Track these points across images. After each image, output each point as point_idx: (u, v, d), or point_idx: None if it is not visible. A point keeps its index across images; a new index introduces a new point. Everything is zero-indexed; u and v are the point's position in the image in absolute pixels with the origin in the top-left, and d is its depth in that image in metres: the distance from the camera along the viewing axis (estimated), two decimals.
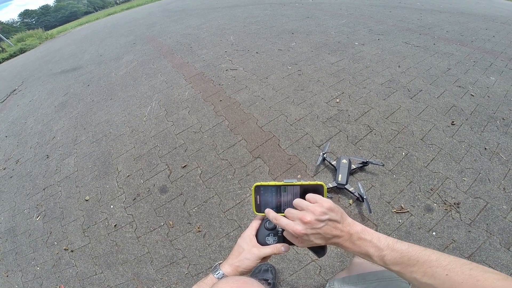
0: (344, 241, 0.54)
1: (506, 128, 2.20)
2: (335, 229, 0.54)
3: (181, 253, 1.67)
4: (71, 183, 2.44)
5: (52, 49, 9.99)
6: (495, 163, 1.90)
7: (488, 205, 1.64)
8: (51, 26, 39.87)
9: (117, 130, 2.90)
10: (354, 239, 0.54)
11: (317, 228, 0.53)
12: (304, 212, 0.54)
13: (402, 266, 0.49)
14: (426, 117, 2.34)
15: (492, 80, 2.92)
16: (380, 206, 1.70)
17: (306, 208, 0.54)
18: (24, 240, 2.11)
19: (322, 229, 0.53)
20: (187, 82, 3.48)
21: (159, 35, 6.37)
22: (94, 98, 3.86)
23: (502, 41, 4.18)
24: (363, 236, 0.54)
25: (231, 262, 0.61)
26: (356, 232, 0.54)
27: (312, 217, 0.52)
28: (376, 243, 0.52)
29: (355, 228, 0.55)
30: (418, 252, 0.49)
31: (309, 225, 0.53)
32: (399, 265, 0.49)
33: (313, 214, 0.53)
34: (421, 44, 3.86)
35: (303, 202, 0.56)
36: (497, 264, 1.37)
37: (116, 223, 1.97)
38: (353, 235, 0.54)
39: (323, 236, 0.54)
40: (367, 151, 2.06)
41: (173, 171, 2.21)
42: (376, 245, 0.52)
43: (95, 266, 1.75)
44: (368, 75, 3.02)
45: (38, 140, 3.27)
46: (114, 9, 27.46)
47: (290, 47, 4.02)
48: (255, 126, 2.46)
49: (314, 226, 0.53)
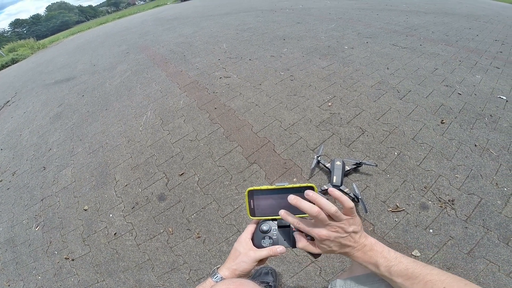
0: (357, 251, 0.57)
1: (495, 124, 2.27)
2: (353, 240, 0.57)
3: (182, 259, 1.69)
4: (69, 193, 2.44)
5: (45, 59, 9.95)
6: (486, 159, 1.94)
7: (483, 201, 1.67)
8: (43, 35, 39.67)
9: (114, 140, 2.92)
10: (367, 249, 0.57)
11: (341, 237, 0.56)
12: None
13: (404, 278, 0.53)
14: (416, 117, 2.40)
15: (478, 78, 3.01)
16: (375, 206, 1.73)
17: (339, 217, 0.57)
18: (24, 250, 2.11)
19: (344, 239, 0.56)
20: (182, 90, 3.52)
21: (152, 44, 6.40)
22: (89, 109, 3.87)
23: (485, 40, 4.31)
24: (375, 248, 0.57)
25: (229, 265, 0.64)
26: (370, 244, 0.58)
27: (340, 225, 0.56)
28: (386, 255, 0.56)
29: (370, 240, 0.58)
30: (421, 267, 0.53)
31: (334, 232, 0.56)
32: (402, 277, 0.53)
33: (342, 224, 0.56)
34: (408, 46, 3.96)
35: (336, 213, 0.57)
36: (498, 260, 1.39)
37: (116, 231, 1.98)
38: (366, 246, 0.57)
39: (341, 244, 0.57)
40: (360, 152, 2.11)
41: (170, 179, 2.23)
42: (386, 257, 0.55)
43: (97, 274, 1.76)
44: (358, 78, 3.09)
45: (34, 152, 3.26)
46: (106, 18, 27.46)
47: (282, 53, 4.09)
48: (250, 132, 2.50)
49: (339, 235, 0.56)
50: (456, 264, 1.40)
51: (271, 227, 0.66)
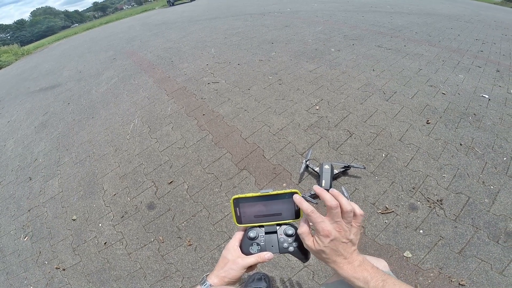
0: (347, 263, 0.56)
1: (478, 123, 2.33)
2: (347, 250, 0.57)
3: (174, 267, 1.67)
4: (56, 203, 2.39)
5: (29, 65, 9.75)
6: (472, 157, 1.98)
7: (470, 200, 1.69)
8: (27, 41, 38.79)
9: (101, 149, 2.87)
10: (356, 264, 0.56)
11: (340, 241, 0.55)
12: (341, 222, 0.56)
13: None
14: (402, 117, 2.44)
15: (461, 77, 3.09)
16: (365, 208, 1.74)
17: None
18: (14, 260, 2.07)
19: (341, 245, 0.56)
20: (169, 97, 3.49)
21: (139, 50, 6.34)
22: (75, 117, 3.80)
23: (466, 40, 4.44)
24: (364, 264, 0.57)
25: (217, 273, 0.63)
26: (362, 260, 0.57)
27: (345, 228, 0.56)
28: (375, 273, 0.55)
29: (361, 256, 0.58)
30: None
31: (338, 232, 0.55)
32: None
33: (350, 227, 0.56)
34: (393, 47, 4.04)
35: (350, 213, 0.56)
36: (490, 258, 1.40)
37: (105, 240, 1.95)
38: (357, 261, 0.57)
39: (336, 249, 0.56)
40: (349, 155, 2.13)
41: (159, 188, 2.21)
42: (375, 274, 0.54)
43: (89, 284, 1.73)
44: (345, 80, 3.13)
45: (19, 163, 3.18)
46: (92, 23, 27.14)
47: (271, 57, 4.11)
48: (239, 138, 2.49)
49: (339, 237, 0.55)
50: (448, 264, 1.42)
51: (258, 234, 0.66)
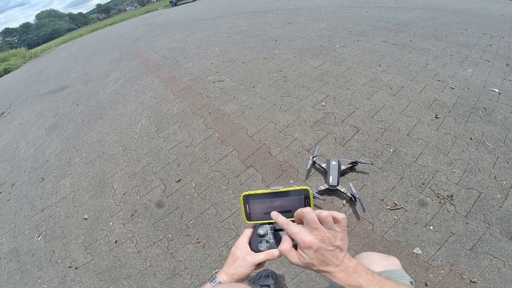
0: (340, 271, 0.53)
1: (489, 117, 2.28)
2: (337, 258, 0.53)
3: (183, 264, 1.69)
4: (68, 203, 2.44)
5: (37, 68, 9.93)
6: (483, 152, 1.94)
7: (482, 195, 1.65)
8: (34, 44, 39.36)
9: (110, 149, 2.91)
10: (350, 271, 0.53)
11: (326, 249, 0.52)
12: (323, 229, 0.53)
13: None
14: (410, 112, 2.41)
15: (470, 72, 3.04)
16: (373, 205, 1.72)
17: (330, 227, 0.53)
18: (28, 260, 2.12)
19: (328, 253, 0.52)
20: (176, 96, 3.52)
21: (144, 50, 6.40)
22: (84, 118, 3.86)
23: (474, 34, 4.36)
24: (359, 270, 0.54)
25: (227, 270, 0.63)
26: (354, 265, 0.54)
27: (328, 235, 0.52)
28: (371, 278, 0.53)
29: (353, 262, 0.55)
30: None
31: (321, 240, 0.52)
32: None
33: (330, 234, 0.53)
34: (399, 42, 4.00)
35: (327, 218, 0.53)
36: (502, 255, 1.37)
37: (116, 239, 1.98)
38: (350, 267, 0.54)
39: (324, 259, 0.53)
40: (356, 151, 2.12)
41: (168, 186, 2.23)
42: (371, 279, 0.52)
43: (101, 282, 1.77)
44: (351, 76, 3.11)
45: (32, 164, 3.25)
46: (97, 25, 27.43)
47: (275, 54, 4.11)
48: (246, 136, 2.51)
49: (324, 246, 0.52)
50: (459, 260, 1.39)
51: (267, 231, 0.66)
